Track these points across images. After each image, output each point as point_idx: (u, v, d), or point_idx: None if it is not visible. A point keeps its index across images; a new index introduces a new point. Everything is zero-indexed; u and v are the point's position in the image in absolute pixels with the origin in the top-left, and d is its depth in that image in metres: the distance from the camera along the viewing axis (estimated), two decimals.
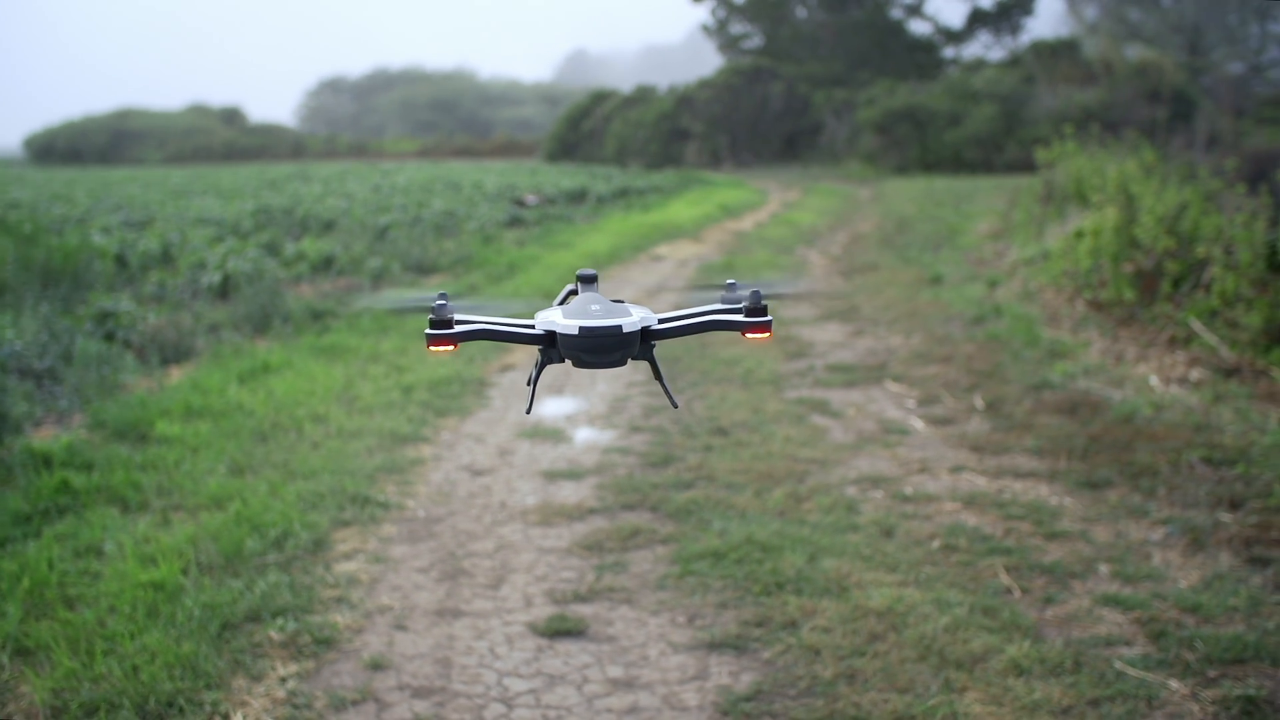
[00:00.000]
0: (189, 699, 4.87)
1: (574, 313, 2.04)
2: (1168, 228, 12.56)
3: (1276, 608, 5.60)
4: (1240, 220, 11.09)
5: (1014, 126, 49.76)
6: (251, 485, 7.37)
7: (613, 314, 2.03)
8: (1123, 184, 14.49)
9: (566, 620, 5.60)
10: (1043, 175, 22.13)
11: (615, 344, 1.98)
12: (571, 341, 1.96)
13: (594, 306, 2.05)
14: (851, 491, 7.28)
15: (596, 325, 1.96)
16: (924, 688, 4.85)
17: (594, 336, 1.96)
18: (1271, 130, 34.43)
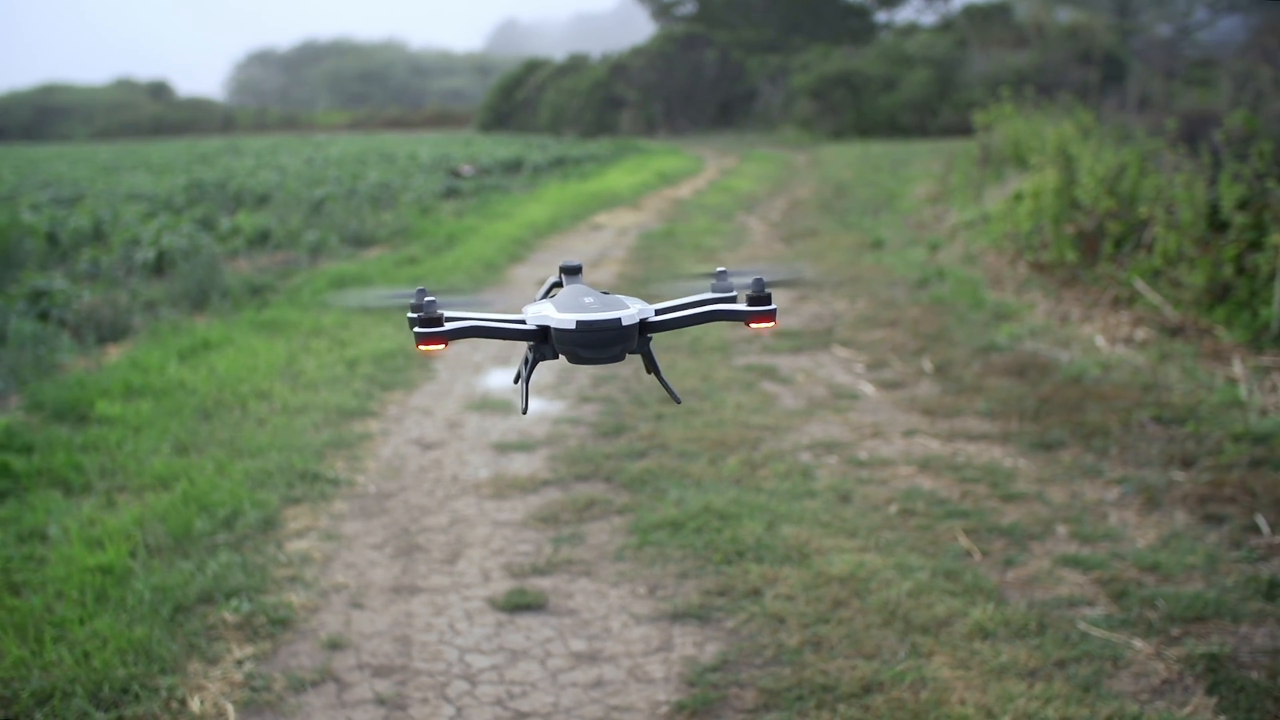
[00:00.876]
0: (144, 685, 4.77)
1: (567, 306, 1.95)
2: (1108, 188, 12.61)
3: (1234, 565, 5.62)
4: (1181, 180, 11.15)
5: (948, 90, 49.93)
6: (197, 464, 7.23)
7: (609, 306, 1.93)
8: (1061, 146, 14.54)
9: (526, 594, 5.53)
10: (979, 138, 22.20)
11: (614, 338, 1.89)
12: (568, 337, 1.87)
13: (587, 299, 1.96)
14: (806, 457, 7.25)
15: (595, 319, 1.87)
16: (891, 653, 4.83)
17: (592, 331, 1.87)
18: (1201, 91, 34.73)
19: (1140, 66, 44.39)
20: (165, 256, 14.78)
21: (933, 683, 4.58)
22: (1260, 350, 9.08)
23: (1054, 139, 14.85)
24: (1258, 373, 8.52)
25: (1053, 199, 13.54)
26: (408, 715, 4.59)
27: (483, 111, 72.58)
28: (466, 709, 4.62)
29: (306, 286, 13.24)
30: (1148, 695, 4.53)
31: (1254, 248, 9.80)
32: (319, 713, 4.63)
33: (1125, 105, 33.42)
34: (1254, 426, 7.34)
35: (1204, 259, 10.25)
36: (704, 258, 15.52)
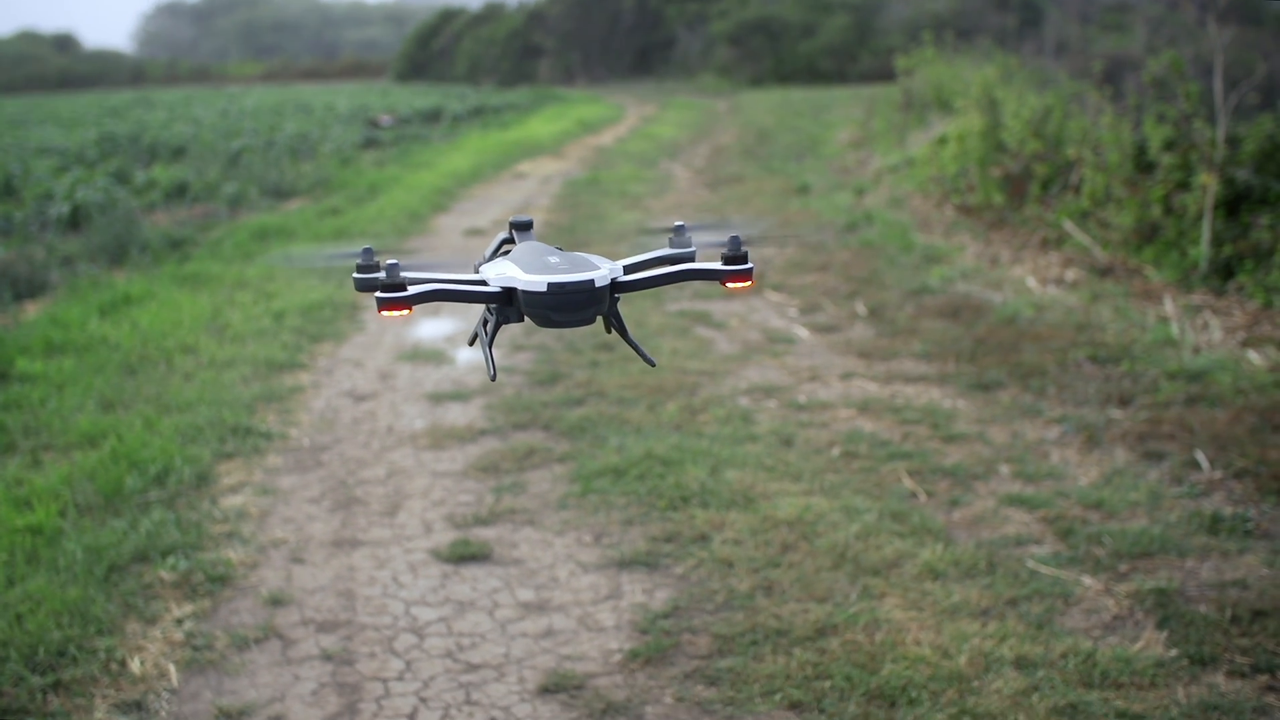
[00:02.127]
0: (80, 646, 4.64)
1: (532, 266, 1.83)
2: (1034, 131, 12.65)
3: (1177, 501, 5.65)
4: (1107, 122, 11.19)
5: (867, 36, 49.94)
6: (125, 421, 7.06)
7: (578, 266, 1.82)
8: (986, 89, 14.55)
9: (469, 545, 5.45)
10: (901, 83, 22.20)
11: (587, 300, 1.80)
12: (539, 299, 1.77)
13: (552, 258, 1.85)
14: (745, 402, 7.20)
15: (567, 280, 1.76)
16: (843, 596, 4.80)
17: (565, 293, 1.77)
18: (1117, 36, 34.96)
19: (1056, 12, 44.62)
20: (80, 211, 14.45)
21: (887, 624, 4.56)
22: (1190, 289, 9.15)
23: (978, 83, 14.86)
24: (1189, 311, 8.58)
25: (978, 142, 13.57)
26: (355, 670, 4.50)
27: (398, 61, 71.67)
28: (416, 662, 4.54)
29: (228, 239, 13.00)
30: (1100, 631, 4.54)
31: (1181, 188, 9.87)
32: (264, 670, 4.53)
33: (1043, 50, 33.57)
34: (1188, 364, 7.38)
35: (1132, 200, 10.30)
36: (630, 204, 15.42)
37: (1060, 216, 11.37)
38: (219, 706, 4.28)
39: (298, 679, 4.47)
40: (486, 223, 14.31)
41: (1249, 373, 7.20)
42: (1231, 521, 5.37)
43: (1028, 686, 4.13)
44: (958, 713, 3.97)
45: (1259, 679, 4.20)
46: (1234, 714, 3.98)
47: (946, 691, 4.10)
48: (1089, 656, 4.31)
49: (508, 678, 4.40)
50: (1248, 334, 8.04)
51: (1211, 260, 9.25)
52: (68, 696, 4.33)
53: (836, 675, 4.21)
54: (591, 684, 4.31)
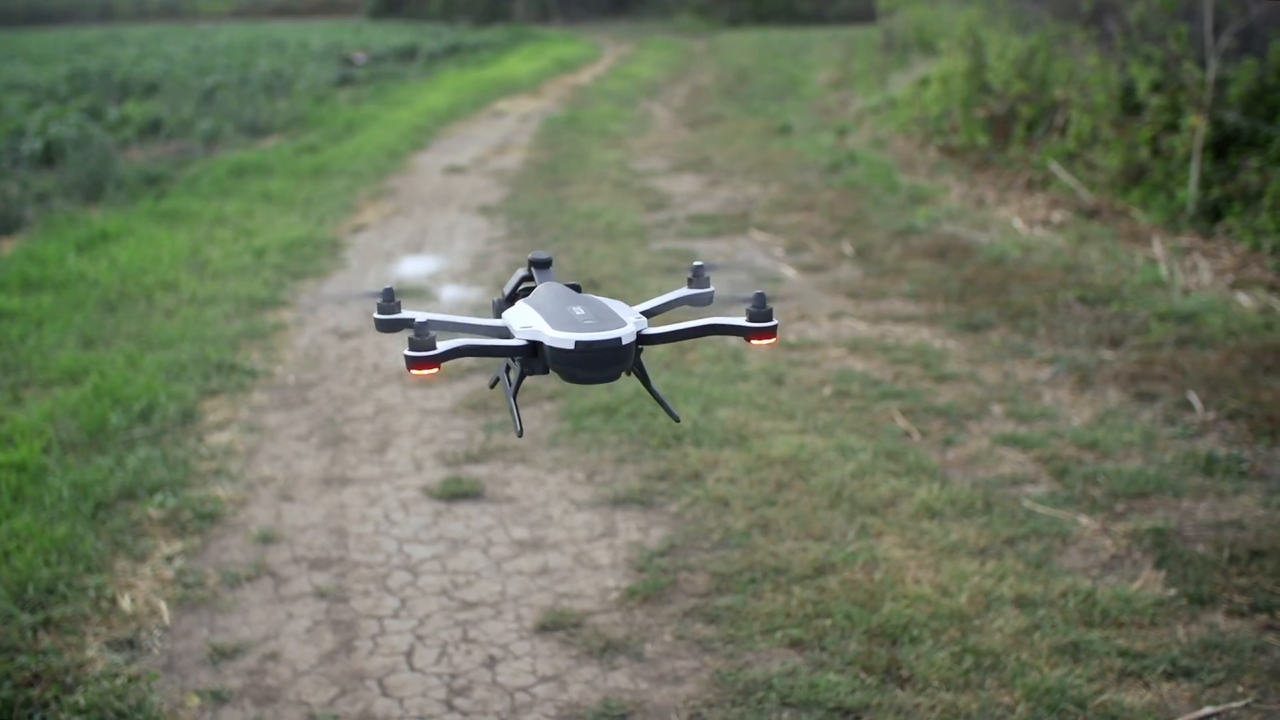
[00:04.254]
0: (70, 584, 4.58)
1: (557, 318, 1.80)
2: (1019, 72, 12.55)
3: (1171, 441, 5.63)
4: (1094, 63, 11.11)
5: None
6: (107, 358, 6.98)
7: (603, 320, 1.79)
8: (970, 30, 14.43)
9: (461, 482, 5.39)
10: (882, 24, 22.03)
11: (613, 357, 1.76)
12: (566, 356, 1.74)
13: (577, 309, 1.82)
14: (734, 341, 7.15)
15: (595, 340, 1.73)
16: (840, 535, 4.77)
17: (593, 352, 1.74)
18: None
19: None
20: (54, 147, 14.24)
21: (885, 563, 4.53)
22: (1178, 232, 9.11)
23: (962, 23, 14.73)
24: (1177, 253, 8.55)
25: (962, 83, 13.46)
26: (350, 608, 4.46)
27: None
28: (411, 600, 4.49)
29: (205, 176, 12.84)
30: (1098, 570, 4.53)
31: (1169, 130, 9.81)
32: (257, 608, 4.48)
33: None
34: (1178, 306, 7.36)
35: (1119, 142, 10.24)
36: (610, 144, 15.29)
37: (1046, 158, 11.31)
38: (212, 644, 4.23)
39: (291, 616, 4.42)
40: (466, 160, 14.18)
41: (1239, 315, 7.18)
42: (1226, 462, 5.36)
43: (1029, 625, 4.11)
44: (960, 651, 3.95)
45: (1258, 618, 4.19)
46: (1234, 652, 3.97)
47: (948, 630, 4.08)
48: (1088, 595, 4.29)
49: (505, 615, 4.36)
50: (1236, 276, 8.02)
51: (1199, 202, 9.21)
52: (58, 634, 4.28)
53: (837, 613, 4.18)
54: (590, 622, 4.27)
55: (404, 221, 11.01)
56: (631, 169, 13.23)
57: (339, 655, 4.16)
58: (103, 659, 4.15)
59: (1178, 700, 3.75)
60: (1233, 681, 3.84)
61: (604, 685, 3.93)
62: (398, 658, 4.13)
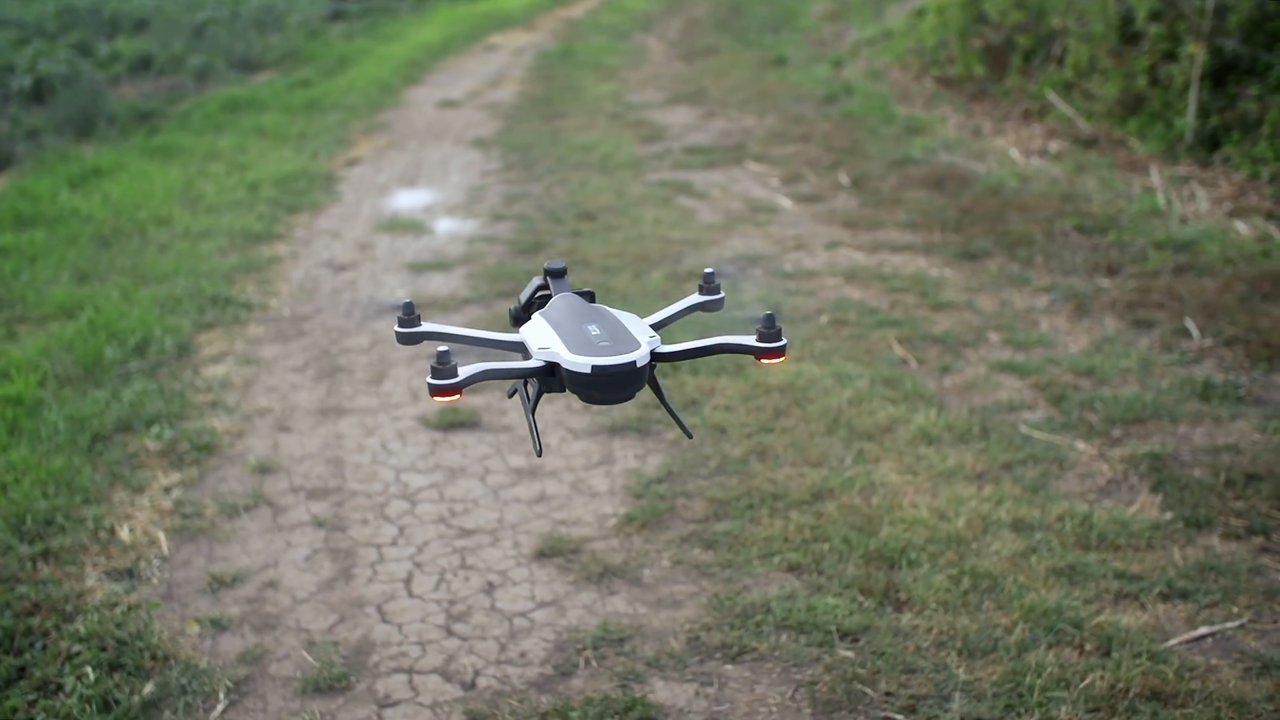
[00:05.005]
0: (68, 515, 4.58)
1: (574, 339, 1.86)
2: (1016, 1, 12.45)
3: (1168, 368, 5.63)
4: None
5: None
6: (101, 292, 6.95)
7: (618, 341, 1.85)
8: None
9: (458, 412, 5.38)
10: None
11: (628, 379, 1.82)
12: (583, 379, 1.81)
13: (592, 329, 1.88)
14: (730, 270, 7.13)
15: (611, 364, 1.79)
16: (837, 460, 4.77)
17: (608, 375, 1.80)
18: None
19: None
20: (44, 83, 14.10)
21: (883, 488, 4.54)
22: (1176, 161, 9.07)
23: None
24: (1175, 182, 8.51)
25: (958, 14, 13.35)
26: (348, 536, 4.47)
27: None
28: (409, 528, 4.50)
29: (197, 112, 12.74)
30: (1095, 495, 4.53)
31: (1168, 59, 9.74)
32: (255, 537, 4.49)
33: None
34: (1175, 234, 7.33)
35: (1116, 71, 10.18)
36: (605, 76, 15.17)
37: (1043, 88, 11.24)
38: (211, 573, 4.24)
39: (290, 545, 4.43)
40: (460, 94, 14.08)
41: (1236, 242, 7.16)
42: (1223, 388, 5.36)
43: (1026, 548, 4.12)
44: (957, 574, 3.97)
45: (1254, 540, 4.20)
46: (1229, 574, 3.99)
47: (945, 553, 4.09)
48: (1085, 519, 4.30)
49: (503, 542, 4.37)
50: (1234, 204, 7.99)
51: (1197, 131, 9.16)
52: (57, 565, 4.29)
53: (834, 538, 4.19)
54: (588, 548, 4.28)
55: (398, 155, 10.94)
56: (626, 101, 13.14)
57: (338, 583, 4.17)
58: (102, 588, 4.15)
59: (1173, 621, 3.76)
60: (1228, 603, 3.85)
61: (602, 610, 3.94)
62: (396, 584, 4.14)
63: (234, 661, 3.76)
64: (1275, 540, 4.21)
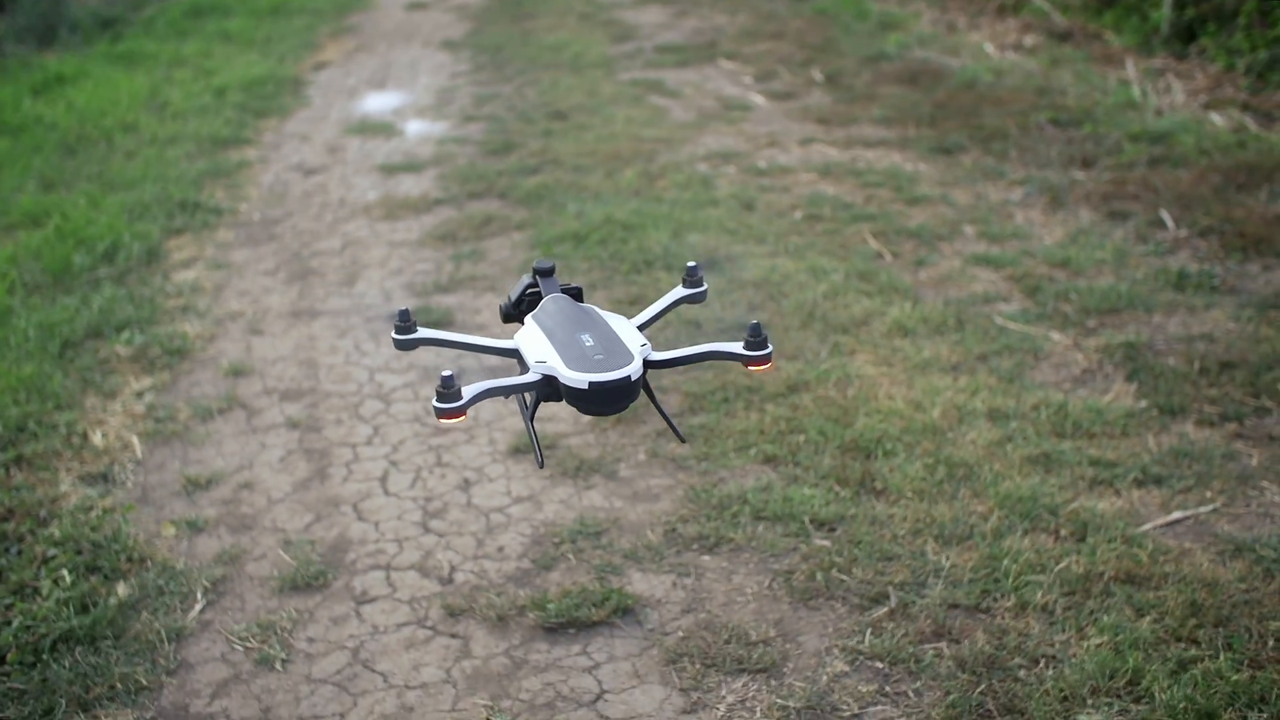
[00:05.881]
0: (40, 421, 4.55)
1: (570, 352, 1.91)
2: None
3: (1143, 259, 5.62)
4: None
5: None
6: (69, 200, 6.87)
7: (612, 353, 1.90)
8: None
9: (431, 312, 5.35)
10: None
11: (624, 393, 1.89)
12: (579, 394, 1.87)
13: (585, 339, 1.94)
14: (703, 168, 7.08)
15: (607, 380, 1.85)
16: (813, 353, 4.76)
17: (605, 390, 1.86)
18: None
19: None
20: None
21: (858, 380, 4.53)
22: (1151, 53, 9.00)
23: None
24: (1150, 75, 8.45)
25: None
26: (323, 437, 4.45)
27: None
28: (384, 428, 4.48)
29: (161, 18, 12.53)
30: (1070, 384, 4.53)
31: None
32: (230, 440, 4.47)
33: None
34: (1151, 126, 7.29)
35: None
36: None
37: None
38: (186, 476, 4.22)
39: (265, 447, 4.41)
40: None
41: (1211, 134, 7.12)
42: (1197, 278, 5.35)
43: (1001, 437, 4.13)
44: (933, 463, 3.97)
45: (1228, 427, 4.22)
46: (1203, 460, 4.00)
47: (921, 443, 4.09)
48: (1060, 408, 4.30)
49: (478, 440, 4.35)
50: (1210, 96, 7.94)
51: (1173, 23, 9.08)
52: (31, 470, 4.26)
53: (810, 429, 4.19)
54: (564, 443, 4.27)
55: (367, 58, 10.81)
56: (597, 1, 12.97)
57: (313, 483, 4.16)
58: (76, 493, 4.13)
59: (1148, 506, 3.78)
60: (1201, 487, 3.86)
61: (579, 504, 3.94)
62: (372, 483, 4.13)
63: (211, 562, 3.75)
64: (1248, 426, 4.22)
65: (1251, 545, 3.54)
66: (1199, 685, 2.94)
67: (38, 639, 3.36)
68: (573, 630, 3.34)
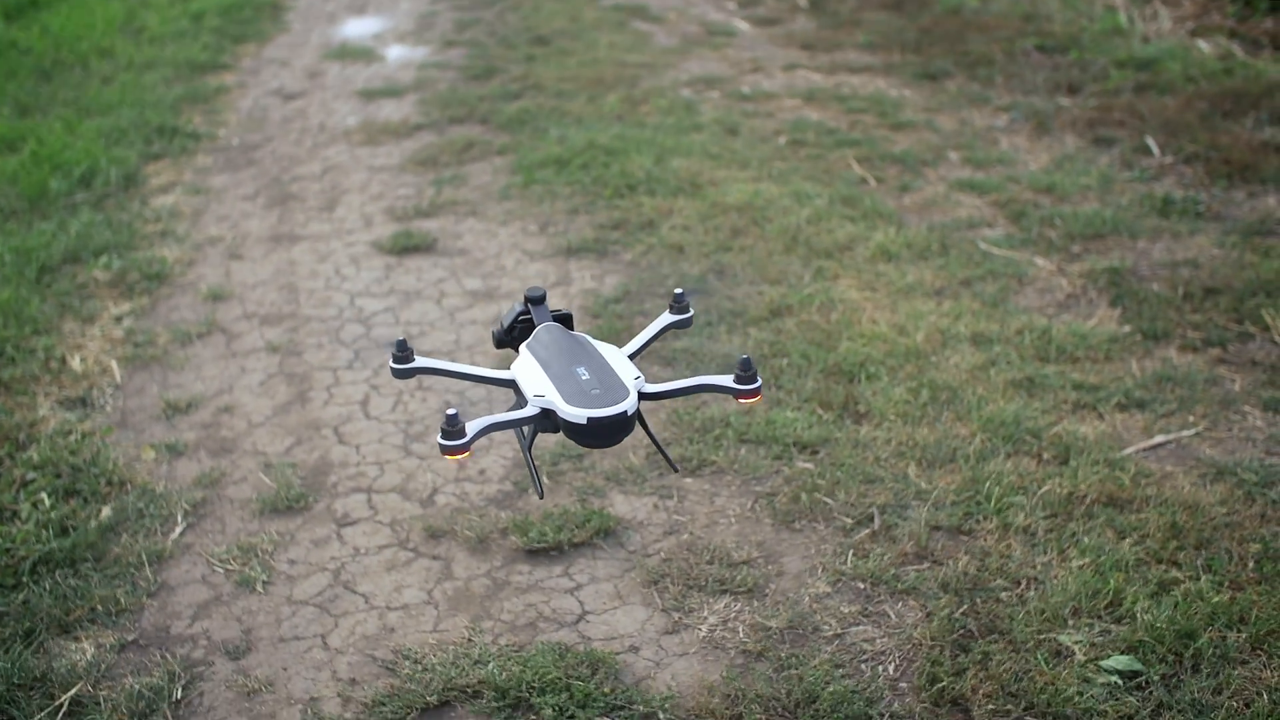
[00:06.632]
0: (18, 346, 4.50)
1: (566, 385, 1.97)
2: None
3: (1128, 184, 5.60)
4: None
5: None
6: (44, 125, 6.79)
7: (609, 388, 1.96)
8: None
9: (412, 236, 5.31)
10: None
11: (621, 428, 1.94)
12: (577, 429, 1.93)
13: (582, 373, 2.00)
14: (687, 93, 7.02)
15: (604, 415, 1.91)
16: (796, 278, 4.73)
17: (602, 425, 1.92)
18: None
19: None
20: None
21: (842, 304, 4.50)
22: None
23: None
24: (1137, 1, 8.39)
25: None
26: (303, 361, 4.42)
27: None
28: (364, 351, 4.45)
29: None
30: (1054, 309, 4.52)
31: None
32: (209, 364, 4.43)
33: None
34: (1137, 53, 7.25)
35: None
36: None
37: None
38: (166, 400, 4.19)
39: (245, 371, 4.38)
40: None
41: (1198, 61, 7.08)
42: (1182, 204, 5.33)
43: (985, 361, 4.11)
44: (916, 386, 3.96)
45: (1210, 352, 4.21)
46: (1186, 385, 3.99)
47: (904, 367, 4.07)
48: (1044, 333, 4.29)
49: (459, 361, 4.32)
50: (1196, 23, 7.89)
51: None
52: (9, 394, 4.22)
53: (794, 353, 4.17)
54: None
55: None
56: None
57: (294, 406, 4.13)
58: (55, 417, 4.10)
59: (1130, 430, 3.77)
60: (1184, 412, 3.86)
61: None
62: (353, 407, 4.11)
63: (191, 485, 3.73)
64: (1231, 352, 4.21)
65: (1233, 469, 3.54)
66: (1179, 606, 2.94)
67: (17, 562, 3.34)
68: (554, 552, 3.33)
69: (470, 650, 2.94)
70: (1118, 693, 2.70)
